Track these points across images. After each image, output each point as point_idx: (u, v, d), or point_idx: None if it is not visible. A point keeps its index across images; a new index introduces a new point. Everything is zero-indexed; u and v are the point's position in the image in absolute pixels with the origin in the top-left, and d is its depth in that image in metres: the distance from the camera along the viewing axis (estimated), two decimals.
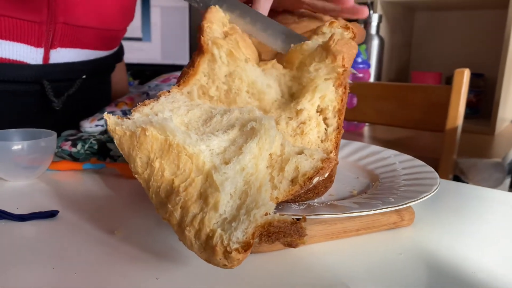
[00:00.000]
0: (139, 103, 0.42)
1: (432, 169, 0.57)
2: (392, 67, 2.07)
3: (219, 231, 0.32)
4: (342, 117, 0.46)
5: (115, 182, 0.65)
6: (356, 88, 1.43)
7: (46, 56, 0.76)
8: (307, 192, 0.47)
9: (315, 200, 0.51)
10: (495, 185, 1.11)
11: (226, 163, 0.36)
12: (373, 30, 1.79)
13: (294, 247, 0.34)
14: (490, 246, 0.47)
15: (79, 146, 0.74)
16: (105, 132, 0.78)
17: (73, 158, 0.74)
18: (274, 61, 0.47)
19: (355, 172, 0.63)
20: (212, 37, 0.46)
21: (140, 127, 0.38)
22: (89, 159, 0.73)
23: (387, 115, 1.35)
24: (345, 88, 0.46)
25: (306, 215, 0.41)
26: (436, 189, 0.51)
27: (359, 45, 1.72)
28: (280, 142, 0.39)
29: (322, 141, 0.46)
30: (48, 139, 0.64)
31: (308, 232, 0.45)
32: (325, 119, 0.46)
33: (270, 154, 0.38)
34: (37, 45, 0.74)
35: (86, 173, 0.69)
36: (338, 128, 0.46)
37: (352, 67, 1.76)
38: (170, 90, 0.44)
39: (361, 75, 1.61)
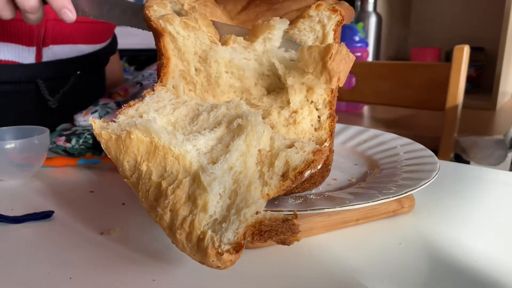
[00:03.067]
0: (124, 105, 0.41)
1: (432, 153, 0.56)
2: (390, 45, 2.04)
3: (209, 233, 0.31)
4: (334, 107, 0.45)
5: (112, 177, 0.64)
6: (354, 68, 1.40)
7: (38, 55, 0.75)
8: (303, 182, 0.46)
9: (313, 191, 0.50)
10: (498, 162, 1.09)
11: (214, 162, 0.35)
12: (370, 7, 1.75)
13: (288, 245, 0.33)
14: (491, 231, 0.47)
15: (73, 141, 0.73)
16: None
17: (68, 153, 0.73)
18: (233, 36, 0.45)
19: (354, 159, 0.62)
20: (159, 16, 0.44)
21: (125, 130, 0.37)
22: (84, 154, 0.72)
23: (387, 94, 1.33)
24: None
25: (301, 211, 0.40)
26: (435, 175, 0.50)
27: (356, 23, 1.68)
28: (269, 136, 0.38)
29: (316, 129, 0.45)
30: (41, 137, 0.64)
31: (307, 224, 0.44)
32: (317, 109, 0.45)
33: (259, 150, 0.37)
34: (29, 44, 0.73)
35: (81, 169, 0.68)
36: (331, 116, 0.45)
37: (349, 46, 1.73)
38: (154, 88, 0.43)
39: (359, 54, 1.58)
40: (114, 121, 0.40)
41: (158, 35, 0.45)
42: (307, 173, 0.36)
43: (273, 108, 0.45)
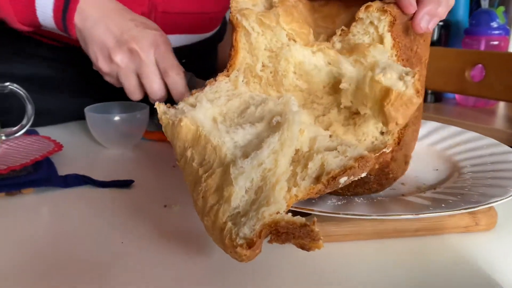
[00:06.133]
0: (189, 92, 0.43)
1: None
2: None
3: (229, 224, 0.33)
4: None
5: None
6: (486, 58, 1.25)
7: None
8: (355, 187, 0.44)
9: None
10: None
11: (247, 156, 0.35)
12: None
13: (307, 250, 0.32)
14: None
15: None
16: None
17: None
18: (327, 43, 0.44)
19: (433, 162, 0.56)
20: (239, 9, 0.45)
21: (178, 117, 0.39)
22: None
23: None
24: None
25: (324, 212, 0.39)
26: None
27: (497, 7, 1.47)
28: (309, 137, 0.37)
29: (382, 133, 0.42)
30: (142, 112, 0.71)
31: (355, 228, 0.43)
32: None
33: (297, 150, 0.37)
34: None
35: None
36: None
37: (485, 33, 1.51)
38: (217, 78, 0.45)
39: (496, 42, 1.39)
40: (175, 107, 0.43)
41: (233, 26, 0.46)
42: (342, 180, 0.35)
43: (334, 105, 0.43)
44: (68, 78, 0.84)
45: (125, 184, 0.56)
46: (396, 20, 0.41)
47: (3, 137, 0.63)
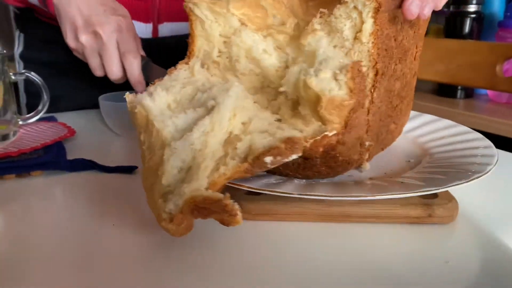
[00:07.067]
0: (151, 82, 0.47)
1: (490, 144, 0.46)
2: None
3: (160, 201, 0.36)
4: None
5: None
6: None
7: (155, 31, 0.87)
8: (304, 169, 0.45)
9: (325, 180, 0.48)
10: None
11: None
12: None
13: (227, 225, 0.35)
14: None
15: None
16: None
17: None
18: (282, 28, 0.45)
19: (402, 150, 0.56)
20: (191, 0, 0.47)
21: (135, 104, 0.43)
22: None
23: None
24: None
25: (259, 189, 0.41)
26: (489, 170, 0.42)
27: None
28: (242, 120, 0.39)
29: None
30: None
31: (298, 208, 0.44)
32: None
33: (230, 133, 0.39)
34: (146, 21, 0.85)
35: None
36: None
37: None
38: (176, 66, 0.48)
39: None
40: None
41: (188, 16, 0.49)
42: (268, 159, 0.36)
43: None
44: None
45: (128, 169, 0.60)
46: (381, 7, 0.41)
47: (20, 122, 0.69)
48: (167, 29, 0.88)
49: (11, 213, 0.49)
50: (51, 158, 0.61)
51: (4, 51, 0.64)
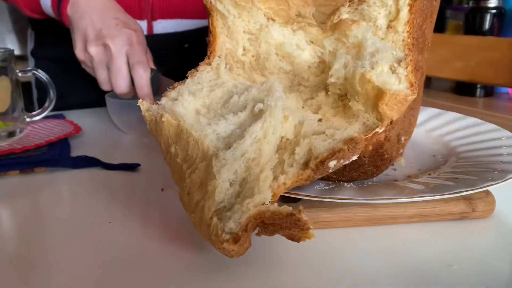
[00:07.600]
0: (169, 87, 0.42)
1: None
2: None
3: (215, 220, 0.32)
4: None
5: None
6: None
7: (149, 28, 0.86)
8: (350, 171, 0.43)
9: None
10: None
11: (230, 148, 0.34)
12: None
13: (297, 241, 0.31)
14: None
15: None
16: None
17: None
18: (310, 20, 0.42)
19: (431, 147, 0.55)
20: None
21: (160, 113, 0.38)
22: None
23: None
24: None
25: (311, 197, 0.37)
26: None
27: None
28: (293, 123, 0.36)
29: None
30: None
31: (345, 214, 0.41)
32: None
33: (282, 137, 0.35)
34: (140, 17, 0.83)
35: None
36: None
37: None
38: (198, 67, 0.43)
39: None
40: (158, 103, 0.41)
41: (208, 11, 0.45)
42: (332, 163, 0.33)
43: (321, 88, 0.42)
44: None
45: (130, 167, 0.57)
46: None
47: (27, 119, 0.69)
48: (161, 26, 0.87)
49: (14, 209, 0.49)
50: (55, 155, 0.60)
51: (12, 49, 0.64)
